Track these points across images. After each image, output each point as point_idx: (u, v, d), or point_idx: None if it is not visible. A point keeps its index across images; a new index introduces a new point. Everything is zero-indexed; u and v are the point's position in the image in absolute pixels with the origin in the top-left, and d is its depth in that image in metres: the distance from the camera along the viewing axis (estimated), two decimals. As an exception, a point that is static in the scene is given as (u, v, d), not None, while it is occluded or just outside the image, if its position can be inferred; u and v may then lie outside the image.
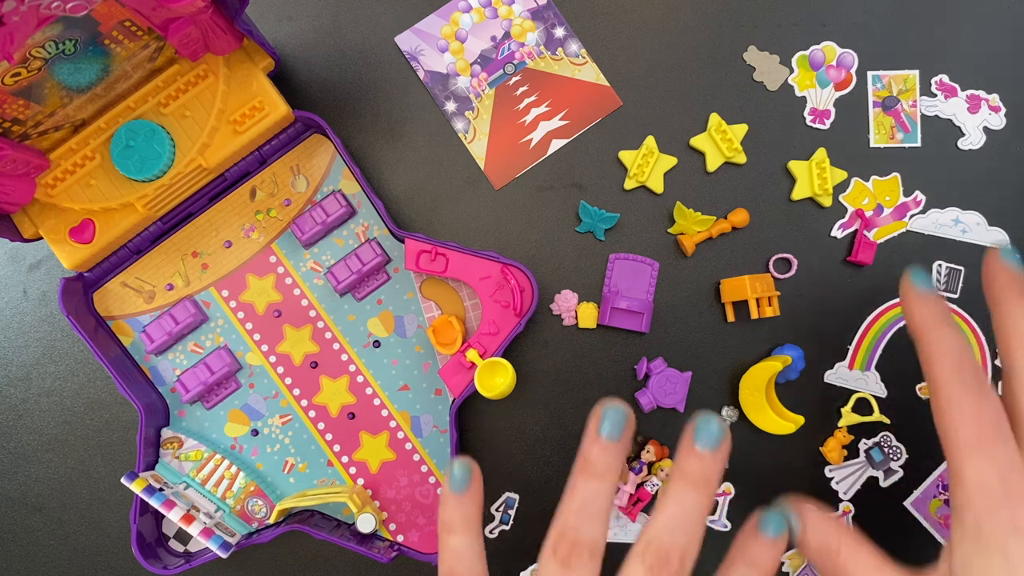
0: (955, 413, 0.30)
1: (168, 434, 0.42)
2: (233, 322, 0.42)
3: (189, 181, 0.40)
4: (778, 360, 0.41)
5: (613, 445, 0.29)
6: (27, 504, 0.44)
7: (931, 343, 0.32)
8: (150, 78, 0.39)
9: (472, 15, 0.44)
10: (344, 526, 0.41)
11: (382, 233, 0.42)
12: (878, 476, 0.43)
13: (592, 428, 0.30)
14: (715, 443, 0.29)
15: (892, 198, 0.43)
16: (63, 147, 0.39)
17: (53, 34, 0.31)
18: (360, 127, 0.44)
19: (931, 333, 0.32)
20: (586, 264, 0.43)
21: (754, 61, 0.44)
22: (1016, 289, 0.32)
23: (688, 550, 0.29)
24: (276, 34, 0.44)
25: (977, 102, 0.43)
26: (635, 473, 0.41)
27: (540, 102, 0.44)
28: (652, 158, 0.43)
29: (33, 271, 0.44)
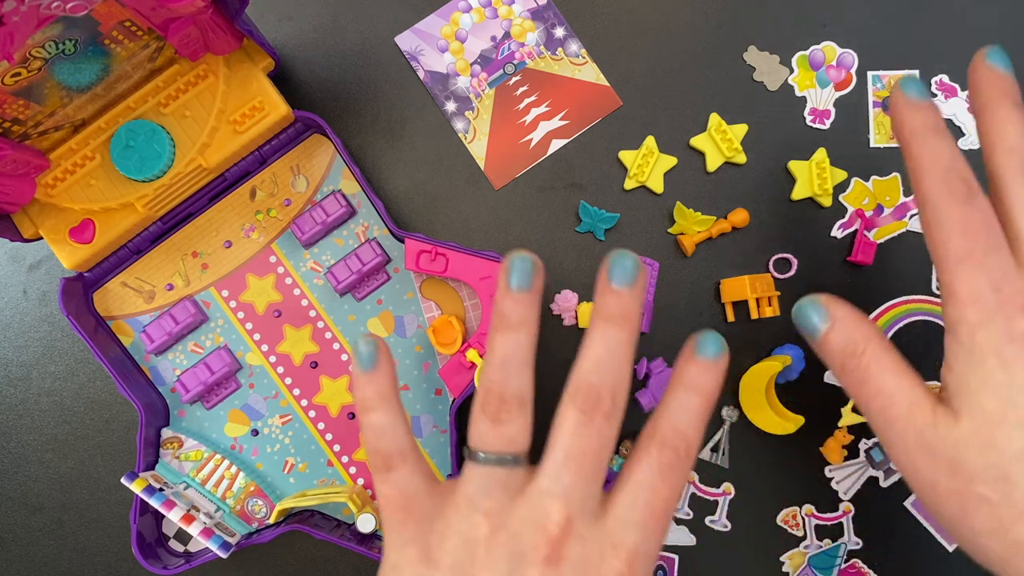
0: (943, 225, 0.29)
1: (168, 434, 0.42)
2: (233, 322, 0.42)
3: (189, 181, 0.40)
4: (778, 360, 0.41)
5: (525, 295, 0.29)
6: (27, 504, 0.44)
7: (921, 153, 0.30)
8: (150, 78, 0.39)
9: (472, 15, 0.44)
10: (344, 526, 0.41)
11: (382, 233, 0.42)
12: (878, 476, 0.43)
13: (502, 282, 0.30)
14: (631, 278, 0.29)
15: (892, 198, 0.43)
16: (63, 147, 0.39)
17: (53, 34, 0.31)
18: (360, 127, 0.44)
19: (921, 142, 0.30)
20: (586, 264, 0.43)
21: (754, 61, 0.44)
22: (1004, 94, 0.30)
23: (618, 387, 0.29)
24: (276, 34, 0.44)
25: (977, 102, 0.43)
26: (635, 473, 0.41)
27: (540, 102, 0.44)
28: (652, 158, 0.43)
29: (33, 271, 0.44)
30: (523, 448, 0.29)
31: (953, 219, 0.28)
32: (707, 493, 0.43)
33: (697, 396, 0.29)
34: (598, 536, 0.27)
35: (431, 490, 0.30)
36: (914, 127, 0.30)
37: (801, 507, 0.43)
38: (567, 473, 0.28)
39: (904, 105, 0.30)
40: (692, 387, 0.29)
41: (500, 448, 0.28)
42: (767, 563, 0.43)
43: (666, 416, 0.29)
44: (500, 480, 0.28)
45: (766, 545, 0.43)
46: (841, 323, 0.31)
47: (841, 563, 0.43)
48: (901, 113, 0.30)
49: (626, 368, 0.29)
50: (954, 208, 0.28)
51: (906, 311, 0.43)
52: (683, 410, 0.29)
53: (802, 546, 0.43)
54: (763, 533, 0.43)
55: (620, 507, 0.28)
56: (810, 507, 0.43)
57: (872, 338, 0.30)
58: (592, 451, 0.28)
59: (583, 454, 0.28)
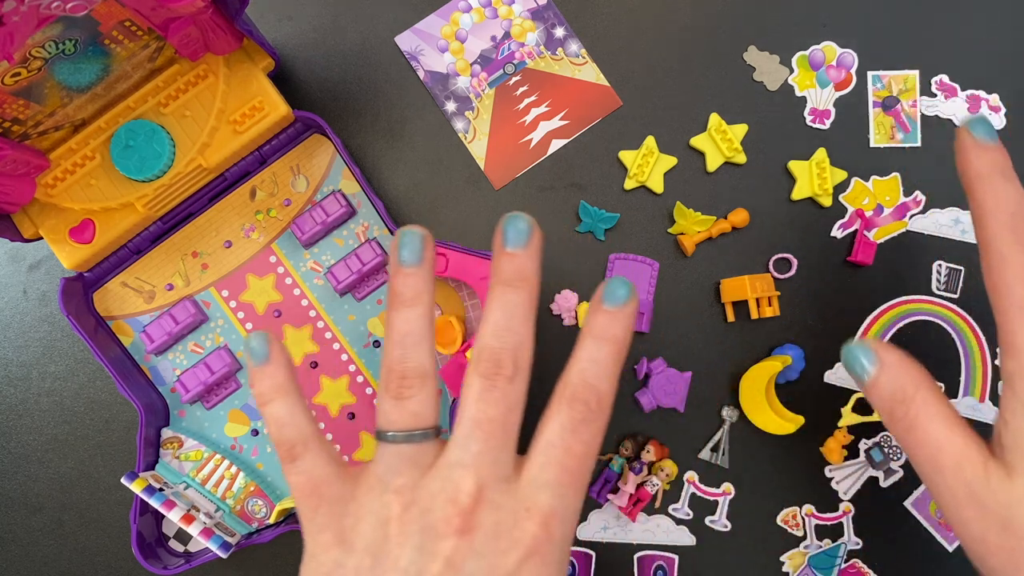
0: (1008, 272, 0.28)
1: (168, 434, 0.42)
2: (233, 322, 0.42)
3: (189, 181, 0.40)
4: (778, 360, 0.41)
5: (416, 269, 0.29)
6: (27, 504, 0.44)
7: (985, 197, 0.29)
8: (150, 78, 0.39)
9: (472, 15, 0.44)
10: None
11: (382, 233, 0.42)
12: (878, 476, 0.43)
13: (393, 259, 0.30)
14: (524, 240, 0.29)
15: (892, 198, 0.43)
16: (63, 147, 0.39)
17: (53, 34, 0.31)
18: (360, 127, 0.44)
19: (986, 184, 0.29)
20: (586, 264, 0.43)
21: (754, 61, 0.44)
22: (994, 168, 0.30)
23: (520, 350, 0.29)
24: (276, 34, 0.44)
25: (977, 102, 0.43)
26: (635, 473, 0.41)
27: (540, 102, 0.44)
28: (652, 158, 0.43)
29: (33, 271, 0.44)
30: (430, 422, 0.29)
31: (1019, 266, 0.28)
32: (707, 493, 0.43)
33: (607, 345, 0.29)
34: (511, 501, 0.27)
35: (341, 474, 0.29)
36: (980, 170, 0.29)
37: (801, 507, 0.43)
38: (474, 441, 0.28)
39: (972, 146, 0.30)
40: (601, 337, 0.29)
41: (406, 425, 0.28)
42: (767, 563, 0.43)
43: (576, 369, 0.29)
44: (409, 456, 0.28)
45: (766, 545, 0.43)
46: (890, 368, 0.30)
47: (841, 563, 0.43)
48: (968, 154, 0.30)
49: (524, 328, 0.29)
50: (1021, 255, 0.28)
51: (906, 311, 0.43)
52: (593, 361, 0.29)
53: (802, 546, 0.43)
54: (763, 533, 0.43)
55: (532, 468, 0.28)
56: (810, 507, 0.43)
57: (922, 385, 0.30)
58: (499, 416, 0.28)
59: (489, 420, 0.28)
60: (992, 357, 0.43)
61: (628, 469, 0.42)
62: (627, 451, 0.42)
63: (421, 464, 0.28)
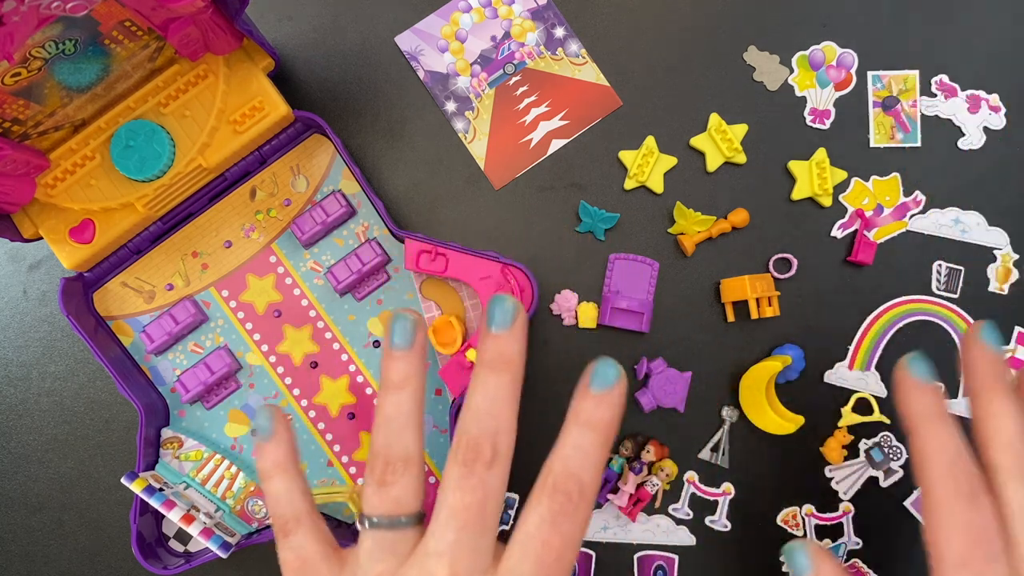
0: (945, 523, 0.28)
1: (168, 434, 0.42)
2: (233, 322, 0.42)
3: (189, 181, 0.40)
4: (778, 360, 0.41)
5: (405, 352, 0.30)
6: (27, 504, 0.44)
7: (925, 440, 0.30)
8: (150, 78, 0.39)
9: (472, 15, 0.44)
10: (344, 526, 0.41)
11: (382, 233, 0.42)
12: (878, 476, 0.43)
13: (385, 344, 0.30)
14: (509, 320, 0.29)
15: (892, 198, 0.43)
16: (63, 147, 0.39)
17: (53, 34, 0.31)
18: (360, 127, 0.44)
19: (926, 428, 0.30)
20: (586, 264, 0.43)
21: (754, 61, 0.44)
22: (998, 379, 0.30)
23: (499, 435, 0.28)
24: (276, 34, 0.44)
25: (977, 102, 0.43)
26: (635, 473, 0.41)
27: (540, 102, 0.44)
28: (652, 158, 0.43)
29: (33, 271, 0.44)
30: (412, 509, 0.29)
31: (957, 521, 0.28)
32: (707, 493, 0.43)
33: (591, 432, 0.28)
34: None
35: (329, 554, 0.30)
36: (921, 411, 0.30)
37: (801, 507, 0.43)
38: (451, 530, 0.27)
39: (912, 386, 0.30)
40: (587, 423, 0.29)
41: (387, 511, 0.29)
42: (767, 563, 0.43)
43: (559, 456, 0.28)
44: (389, 544, 0.28)
45: (766, 545, 0.43)
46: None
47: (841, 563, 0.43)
48: (908, 395, 0.31)
49: (505, 412, 0.29)
50: (958, 508, 0.28)
51: (906, 311, 0.43)
52: (577, 448, 0.28)
53: (802, 546, 0.43)
54: (763, 533, 0.43)
55: (510, 560, 0.27)
56: (810, 507, 0.43)
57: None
58: (476, 503, 0.28)
59: (466, 508, 0.27)
60: (992, 357, 0.43)
61: (628, 469, 0.42)
62: (627, 451, 0.42)
63: (400, 552, 0.28)
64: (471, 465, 0.28)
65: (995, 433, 0.29)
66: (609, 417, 0.29)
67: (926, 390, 0.30)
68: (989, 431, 0.29)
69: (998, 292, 0.43)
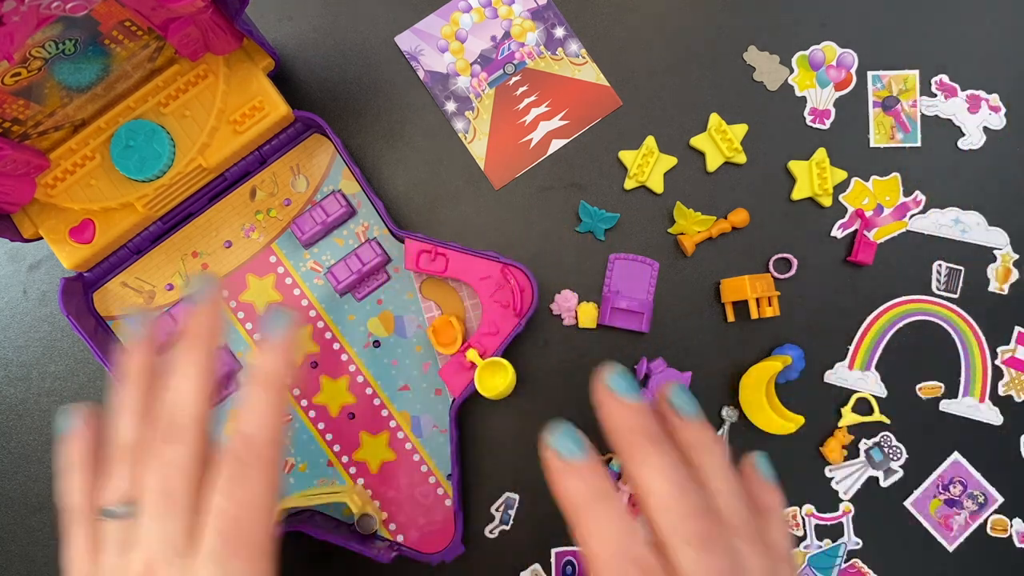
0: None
1: (168, 434, 0.42)
2: (233, 322, 0.42)
3: (189, 181, 0.40)
4: (778, 360, 0.41)
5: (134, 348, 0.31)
6: (27, 504, 0.44)
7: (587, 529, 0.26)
8: (150, 78, 0.39)
9: (472, 15, 0.44)
10: (344, 526, 0.41)
11: (382, 233, 0.42)
12: (878, 476, 0.43)
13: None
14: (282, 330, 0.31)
15: (892, 198, 0.43)
16: (63, 147, 0.39)
17: (53, 34, 0.31)
18: (360, 127, 0.44)
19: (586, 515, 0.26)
20: (586, 264, 0.43)
21: (754, 61, 0.44)
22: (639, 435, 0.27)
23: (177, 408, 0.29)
24: (276, 34, 0.44)
25: (977, 102, 0.43)
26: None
27: (540, 102, 0.44)
28: (652, 158, 0.43)
29: (33, 271, 0.44)
30: (129, 497, 0.29)
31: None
32: (707, 493, 0.43)
33: (258, 388, 0.29)
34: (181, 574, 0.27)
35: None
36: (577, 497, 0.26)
37: (801, 507, 0.43)
38: (145, 517, 0.27)
39: (560, 467, 0.26)
40: (253, 380, 0.29)
41: (107, 502, 0.29)
42: (767, 563, 0.43)
43: (233, 421, 0.29)
44: (113, 535, 0.28)
45: (766, 545, 0.43)
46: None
47: (841, 563, 0.43)
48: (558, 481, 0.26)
49: (186, 384, 0.29)
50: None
51: (906, 311, 0.43)
52: (245, 408, 0.29)
53: (802, 546, 0.43)
54: (763, 533, 0.43)
55: (203, 537, 0.27)
56: (810, 507, 0.43)
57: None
58: (158, 483, 0.27)
59: (150, 490, 0.28)
60: (992, 357, 0.43)
61: None
62: (627, 451, 0.42)
63: (121, 542, 0.28)
64: (154, 442, 0.29)
65: (649, 495, 0.26)
66: (274, 368, 0.29)
67: (583, 470, 0.26)
68: (643, 494, 0.26)
69: (998, 292, 0.43)
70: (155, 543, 0.27)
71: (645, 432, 0.27)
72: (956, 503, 0.43)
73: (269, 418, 0.29)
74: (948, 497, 0.43)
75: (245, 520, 0.27)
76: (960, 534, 0.43)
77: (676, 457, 0.27)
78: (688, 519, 0.25)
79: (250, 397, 0.29)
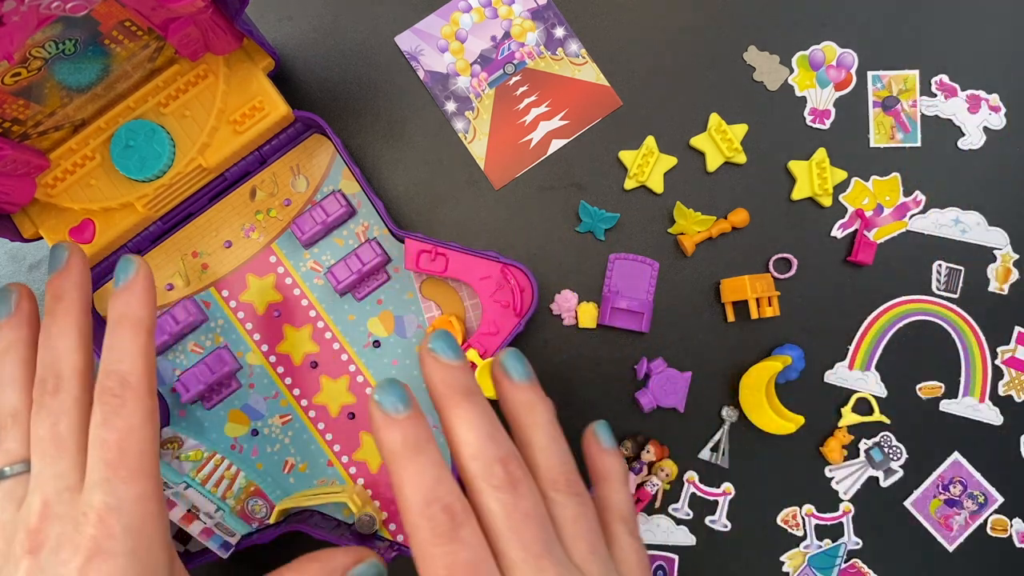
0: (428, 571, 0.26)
1: (168, 434, 0.42)
2: (233, 322, 0.42)
3: (189, 181, 0.40)
4: (778, 360, 0.41)
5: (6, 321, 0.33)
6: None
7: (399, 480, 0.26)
8: (150, 78, 0.39)
9: (472, 15, 0.44)
10: (344, 526, 0.41)
11: (382, 233, 0.42)
12: (878, 476, 0.43)
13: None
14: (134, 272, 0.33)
15: (892, 198, 0.43)
16: (63, 147, 0.39)
17: (53, 34, 0.31)
18: (360, 127, 0.44)
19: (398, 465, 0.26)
20: (586, 264, 0.43)
21: (754, 61, 0.44)
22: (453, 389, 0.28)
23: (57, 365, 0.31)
24: (276, 34, 0.44)
25: (977, 102, 0.43)
26: (635, 473, 0.41)
27: (540, 102, 0.44)
28: (652, 158, 0.43)
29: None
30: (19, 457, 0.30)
31: (438, 566, 0.25)
32: (707, 493, 0.43)
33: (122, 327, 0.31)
34: (72, 510, 0.28)
35: None
36: (392, 446, 0.27)
37: (801, 507, 0.43)
38: (36, 461, 0.29)
39: (381, 419, 0.27)
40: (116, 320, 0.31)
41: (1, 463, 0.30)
42: (767, 563, 0.43)
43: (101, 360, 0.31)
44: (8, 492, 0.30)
45: (766, 545, 0.43)
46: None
47: (841, 563, 0.43)
48: (378, 432, 0.27)
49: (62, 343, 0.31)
50: (437, 552, 0.25)
51: (906, 311, 0.43)
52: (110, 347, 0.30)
53: (802, 546, 0.43)
54: (763, 533, 0.43)
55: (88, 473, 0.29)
56: (810, 507, 0.43)
57: None
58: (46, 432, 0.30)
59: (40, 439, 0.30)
60: (992, 357, 0.43)
61: (628, 469, 0.42)
62: (627, 451, 0.42)
63: (16, 497, 0.30)
64: (39, 398, 0.30)
65: (461, 445, 0.27)
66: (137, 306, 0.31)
67: (398, 419, 0.27)
68: (456, 445, 0.27)
69: (998, 292, 0.43)
70: (49, 484, 0.29)
71: (460, 387, 0.28)
72: (956, 503, 0.43)
73: (139, 356, 0.31)
74: (948, 497, 0.43)
75: (127, 447, 0.29)
76: (960, 534, 0.43)
77: (488, 408, 0.28)
78: (495, 464, 0.27)
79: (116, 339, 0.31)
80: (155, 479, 0.30)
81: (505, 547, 0.26)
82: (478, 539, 0.26)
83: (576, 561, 0.27)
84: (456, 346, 0.29)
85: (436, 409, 0.28)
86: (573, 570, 0.26)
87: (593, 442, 0.34)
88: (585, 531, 0.28)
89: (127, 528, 0.28)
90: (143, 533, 0.28)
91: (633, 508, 0.33)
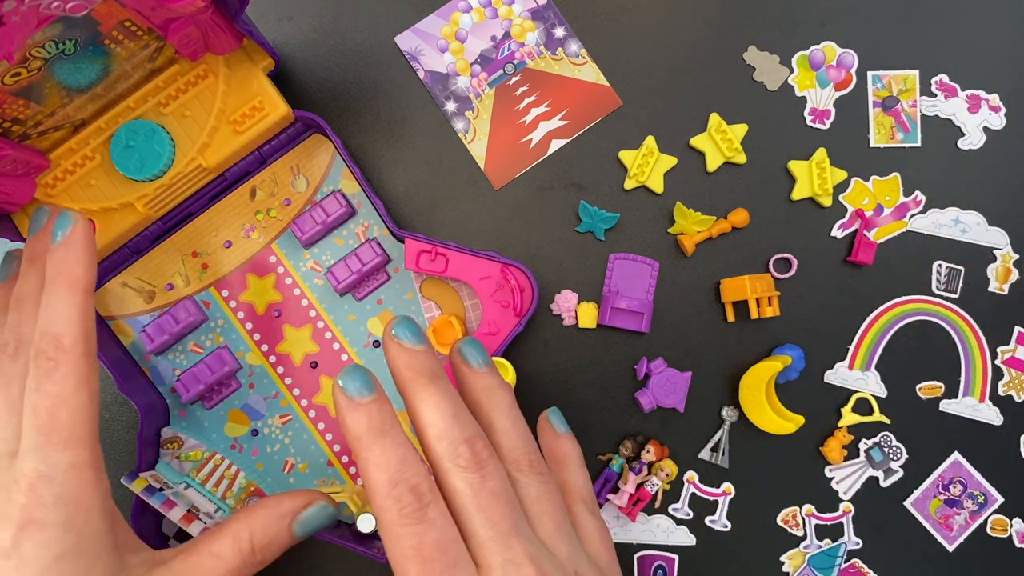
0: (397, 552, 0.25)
1: (168, 434, 0.42)
2: (233, 322, 0.42)
3: (189, 181, 0.40)
4: (778, 360, 0.41)
5: None
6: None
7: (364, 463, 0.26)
8: (150, 78, 0.39)
9: (472, 15, 0.44)
10: (344, 526, 0.41)
11: (382, 233, 0.42)
12: (878, 476, 0.43)
13: None
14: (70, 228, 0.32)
15: (892, 198, 0.43)
16: (63, 147, 0.39)
17: (53, 34, 0.31)
18: (360, 127, 0.44)
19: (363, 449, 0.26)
20: (586, 264, 0.43)
21: (754, 61, 0.44)
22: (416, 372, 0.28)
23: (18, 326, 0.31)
24: (276, 34, 0.44)
25: (977, 102, 0.43)
26: (635, 473, 0.41)
27: (540, 102, 0.44)
28: (652, 158, 0.43)
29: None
30: None
31: (405, 546, 0.25)
32: (707, 493, 0.43)
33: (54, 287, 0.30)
34: (6, 477, 0.28)
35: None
36: (357, 431, 0.26)
37: (801, 507, 0.43)
38: None
39: (345, 404, 0.27)
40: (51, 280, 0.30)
41: None
42: (767, 563, 0.43)
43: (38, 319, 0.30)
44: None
45: (766, 545, 0.43)
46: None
47: (841, 563, 0.43)
48: (343, 415, 0.27)
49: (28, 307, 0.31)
50: (404, 532, 0.25)
51: (906, 311, 0.43)
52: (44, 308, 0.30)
53: (802, 546, 0.43)
54: (763, 533, 0.43)
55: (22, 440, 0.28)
56: (810, 507, 0.43)
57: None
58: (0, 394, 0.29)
59: None
60: (992, 357, 0.43)
61: (628, 469, 0.42)
62: (627, 451, 0.42)
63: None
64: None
65: (426, 427, 0.27)
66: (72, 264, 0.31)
67: (362, 403, 0.27)
68: (421, 427, 0.27)
69: (998, 292, 0.43)
70: None
71: (423, 370, 0.28)
72: (956, 503, 0.43)
73: (74, 316, 0.30)
74: (948, 497, 0.43)
75: (59, 413, 0.28)
76: (960, 534, 0.43)
77: (452, 391, 0.28)
78: (461, 444, 0.27)
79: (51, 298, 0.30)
80: (90, 446, 0.29)
81: (473, 526, 0.26)
82: (445, 519, 0.26)
83: (543, 538, 0.27)
84: (419, 331, 0.29)
85: (400, 393, 0.28)
86: (540, 547, 0.27)
87: (548, 428, 0.35)
88: (550, 509, 0.28)
89: (60, 497, 0.27)
90: (79, 502, 0.28)
91: (591, 488, 0.34)
